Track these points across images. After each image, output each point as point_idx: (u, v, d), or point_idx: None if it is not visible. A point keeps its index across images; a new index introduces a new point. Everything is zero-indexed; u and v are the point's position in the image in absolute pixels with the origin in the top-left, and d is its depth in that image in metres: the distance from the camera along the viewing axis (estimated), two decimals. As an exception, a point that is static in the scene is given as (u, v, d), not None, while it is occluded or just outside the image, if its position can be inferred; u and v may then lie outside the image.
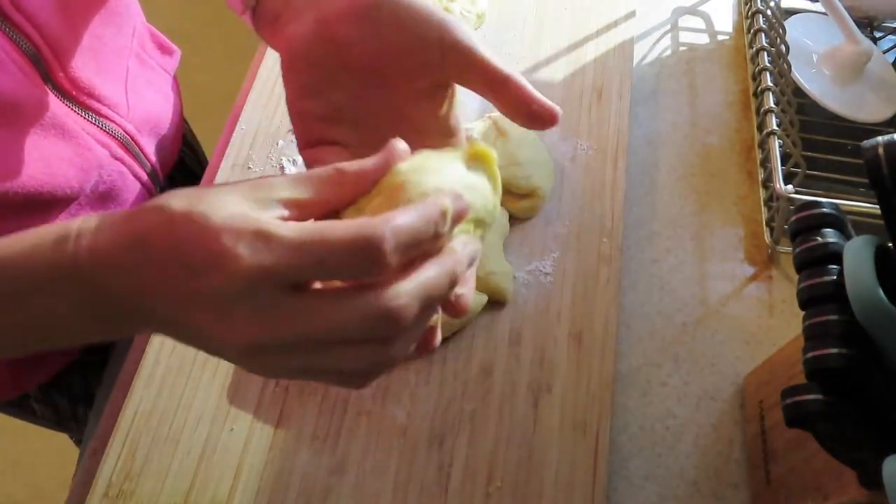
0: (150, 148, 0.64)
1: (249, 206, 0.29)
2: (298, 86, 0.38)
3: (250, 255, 0.28)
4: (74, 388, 0.71)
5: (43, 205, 0.53)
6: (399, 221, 0.28)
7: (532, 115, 0.37)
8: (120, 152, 0.59)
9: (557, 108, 0.37)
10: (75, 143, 0.54)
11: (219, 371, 0.55)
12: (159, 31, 0.70)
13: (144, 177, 0.63)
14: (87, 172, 0.56)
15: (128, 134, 0.60)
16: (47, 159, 0.51)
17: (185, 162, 0.75)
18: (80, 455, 0.64)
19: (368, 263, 0.28)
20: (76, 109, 0.54)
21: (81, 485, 0.51)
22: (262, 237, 0.28)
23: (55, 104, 0.51)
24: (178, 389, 0.54)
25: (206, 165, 0.83)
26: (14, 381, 0.67)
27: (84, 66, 0.53)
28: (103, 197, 0.59)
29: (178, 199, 0.29)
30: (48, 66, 0.50)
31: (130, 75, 0.61)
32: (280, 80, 0.66)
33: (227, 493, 0.51)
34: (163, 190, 0.69)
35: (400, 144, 0.33)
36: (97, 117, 0.56)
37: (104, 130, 0.57)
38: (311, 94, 0.38)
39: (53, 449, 0.98)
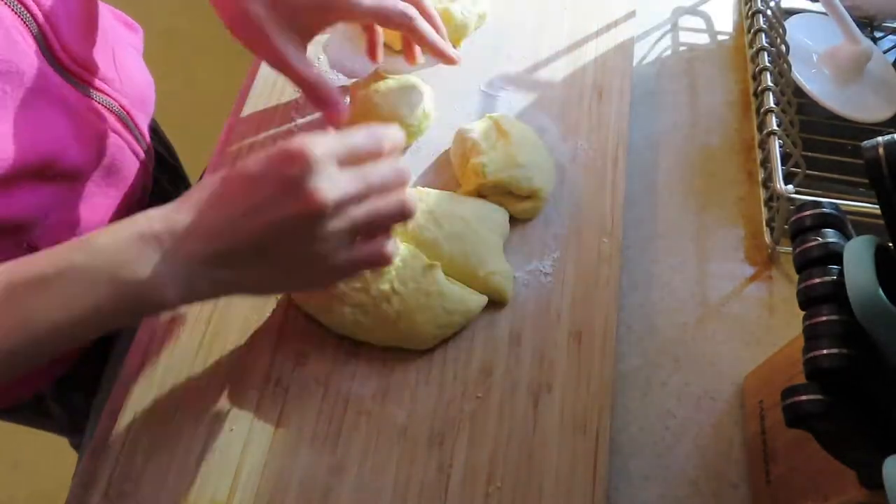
0: (143, 124, 0.66)
1: None
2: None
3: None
4: (88, 383, 0.71)
5: (55, 177, 0.55)
6: (324, 140, 0.42)
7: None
8: (118, 126, 0.61)
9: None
10: (77, 116, 0.55)
11: (219, 371, 0.55)
12: (160, 31, 0.70)
13: (141, 154, 0.65)
14: (90, 145, 0.57)
15: (122, 108, 0.61)
16: (53, 131, 0.53)
17: (155, 148, 0.75)
18: (80, 455, 0.64)
19: (288, 163, 0.40)
20: (74, 83, 0.55)
21: (81, 485, 0.51)
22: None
23: (56, 78, 0.53)
24: (178, 389, 0.54)
25: (172, 151, 0.84)
26: (27, 378, 0.67)
27: (79, 42, 0.55)
28: (109, 171, 0.61)
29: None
30: (47, 40, 0.51)
31: (116, 53, 0.62)
32: (279, 80, 0.69)
33: (227, 493, 0.51)
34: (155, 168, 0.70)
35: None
36: (94, 91, 0.57)
37: (101, 104, 0.58)
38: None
39: (53, 450, 0.98)
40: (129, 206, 0.65)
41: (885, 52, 0.76)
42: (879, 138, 0.39)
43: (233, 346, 0.56)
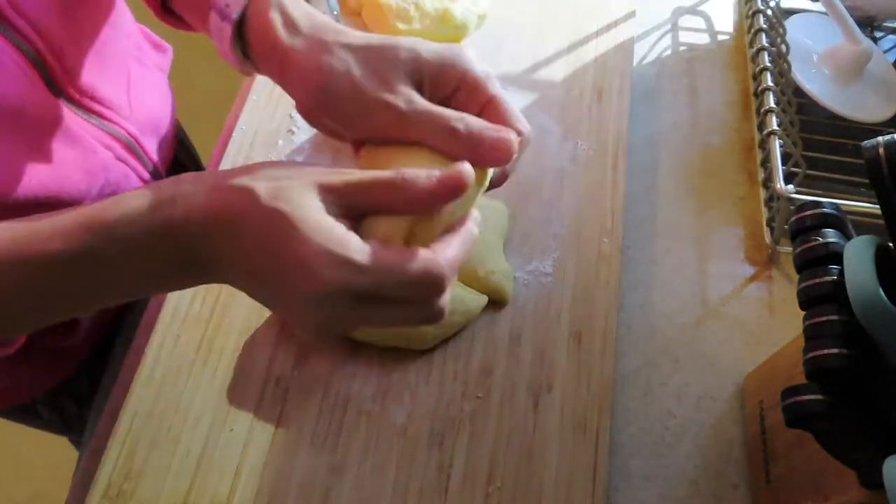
0: (151, 148, 0.64)
1: (327, 210, 0.35)
2: (304, 112, 0.44)
3: (336, 279, 0.34)
4: (82, 391, 0.71)
5: (49, 208, 0.53)
6: (452, 255, 0.37)
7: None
8: (124, 154, 0.59)
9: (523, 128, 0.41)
10: (81, 147, 0.54)
11: (219, 371, 0.55)
12: (160, 31, 0.70)
13: (146, 175, 0.64)
14: (94, 175, 0.56)
15: (131, 136, 0.60)
16: (54, 164, 0.52)
17: (178, 160, 0.75)
18: (80, 455, 0.64)
19: (431, 292, 0.36)
20: (80, 113, 0.54)
21: (81, 485, 0.51)
22: (345, 263, 0.34)
23: (60, 109, 0.51)
24: (178, 389, 0.54)
25: (199, 162, 0.83)
26: (25, 385, 0.67)
27: (87, 71, 0.53)
28: (109, 197, 0.59)
29: (263, 185, 0.35)
30: (52, 72, 0.50)
31: (132, 77, 0.61)
32: None
33: (227, 493, 0.51)
34: None
35: (468, 171, 0.36)
36: (101, 120, 0.56)
37: (108, 133, 0.57)
38: (316, 118, 0.44)
39: (53, 450, 0.99)
40: None
41: (885, 52, 0.76)
42: (879, 138, 0.39)
43: (233, 345, 0.56)
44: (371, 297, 0.35)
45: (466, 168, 0.36)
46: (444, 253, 0.36)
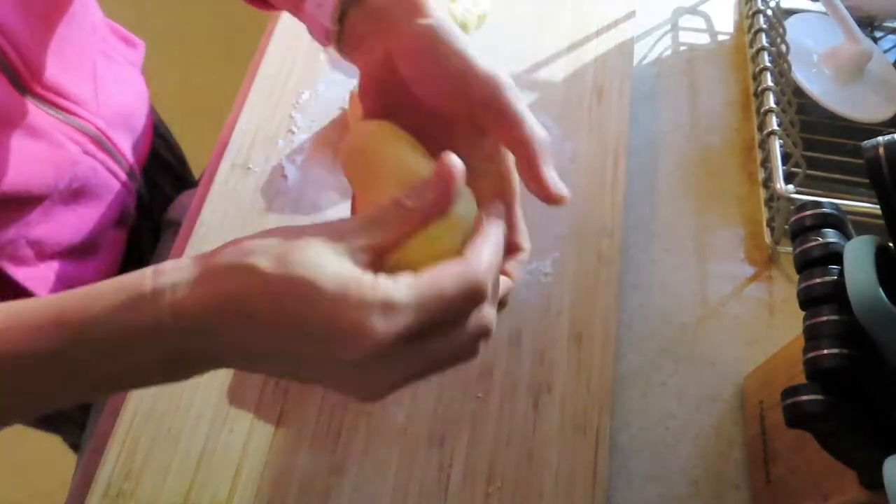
0: (124, 143, 0.64)
1: (342, 262, 0.31)
2: (369, 107, 0.41)
3: (385, 327, 0.29)
4: None
5: (16, 202, 0.53)
6: (489, 259, 0.33)
7: (536, 191, 0.40)
8: (92, 148, 0.59)
9: (563, 193, 0.41)
10: (47, 142, 0.54)
11: (219, 371, 0.55)
12: (159, 31, 0.70)
13: (122, 174, 0.63)
14: (61, 170, 0.56)
15: (98, 129, 0.60)
16: (21, 159, 0.51)
17: (158, 153, 0.74)
18: (80, 455, 0.64)
19: (476, 304, 0.32)
20: (45, 108, 0.54)
21: (81, 485, 0.51)
22: (388, 307, 0.30)
23: (25, 105, 0.51)
24: (178, 389, 0.54)
25: (179, 154, 0.82)
26: None
27: (50, 66, 0.54)
28: (76, 194, 0.59)
29: (264, 258, 0.31)
30: (15, 69, 0.50)
31: (98, 71, 0.61)
32: (279, 79, 0.67)
33: (227, 493, 0.51)
34: (142, 185, 0.69)
35: (455, 161, 0.34)
36: (66, 115, 0.56)
37: (74, 127, 0.57)
38: (380, 116, 0.41)
39: (52, 451, 0.99)
40: (105, 223, 0.64)
41: (885, 52, 0.76)
42: (880, 138, 0.39)
43: (233, 346, 0.56)
44: (419, 335, 0.31)
45: (449, 156, 0.33)
46: (476, 258, 0.33)
